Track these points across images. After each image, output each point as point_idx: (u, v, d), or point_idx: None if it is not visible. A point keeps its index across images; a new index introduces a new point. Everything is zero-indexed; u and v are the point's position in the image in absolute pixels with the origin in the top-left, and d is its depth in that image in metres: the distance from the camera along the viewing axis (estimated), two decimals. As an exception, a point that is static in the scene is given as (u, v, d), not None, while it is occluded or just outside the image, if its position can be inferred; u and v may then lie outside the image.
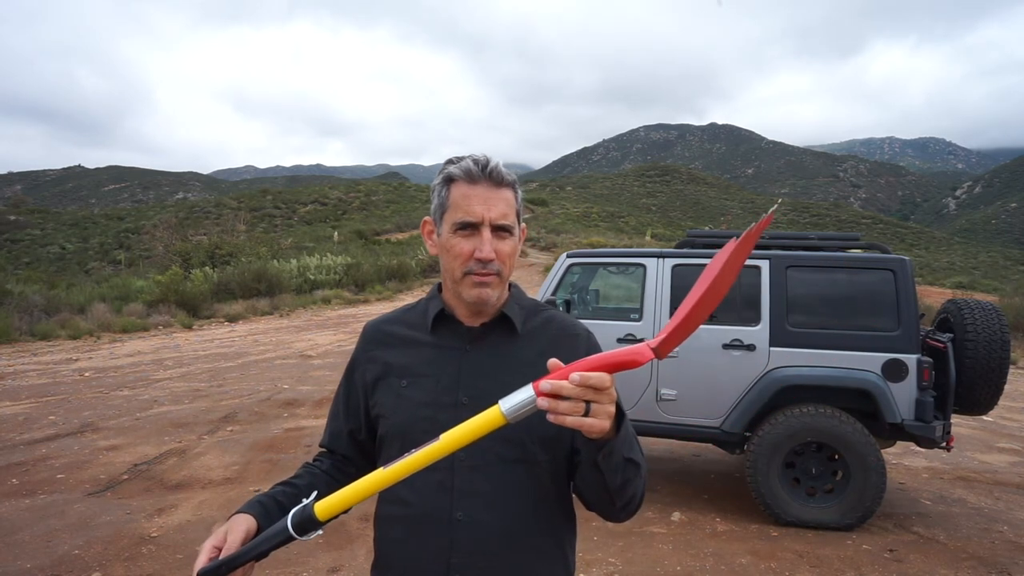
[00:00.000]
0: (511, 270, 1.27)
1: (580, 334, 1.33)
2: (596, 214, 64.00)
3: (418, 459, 1.01)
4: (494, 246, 1.22)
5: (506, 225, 1.23)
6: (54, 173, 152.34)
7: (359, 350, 1.38)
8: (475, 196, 1.21)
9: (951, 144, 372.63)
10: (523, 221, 1.33)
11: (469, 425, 1.00)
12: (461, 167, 1.23)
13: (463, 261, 1.22)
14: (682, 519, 4.62)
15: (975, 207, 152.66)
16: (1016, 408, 8.90)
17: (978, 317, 4.52)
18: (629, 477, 1.15)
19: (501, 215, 1.22)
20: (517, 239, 1.28)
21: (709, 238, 5.40)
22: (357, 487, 1.05)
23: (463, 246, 1.22)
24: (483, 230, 1.21)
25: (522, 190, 1.32)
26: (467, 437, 1.00)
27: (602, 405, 0.98)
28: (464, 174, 1.22)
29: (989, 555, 4.13)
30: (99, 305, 14.75)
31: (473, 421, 1.01)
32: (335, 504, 1.05)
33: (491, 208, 1.21)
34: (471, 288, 1.23)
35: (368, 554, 3.90)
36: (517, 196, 1.27)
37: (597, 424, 0.98)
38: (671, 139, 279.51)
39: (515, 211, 1.26)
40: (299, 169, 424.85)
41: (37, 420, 6.76)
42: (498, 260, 1.22)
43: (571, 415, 0.96)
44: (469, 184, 1.22)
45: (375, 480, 1.04)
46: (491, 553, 1.20)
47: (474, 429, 1.00)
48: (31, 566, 3.71)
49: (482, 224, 1.21)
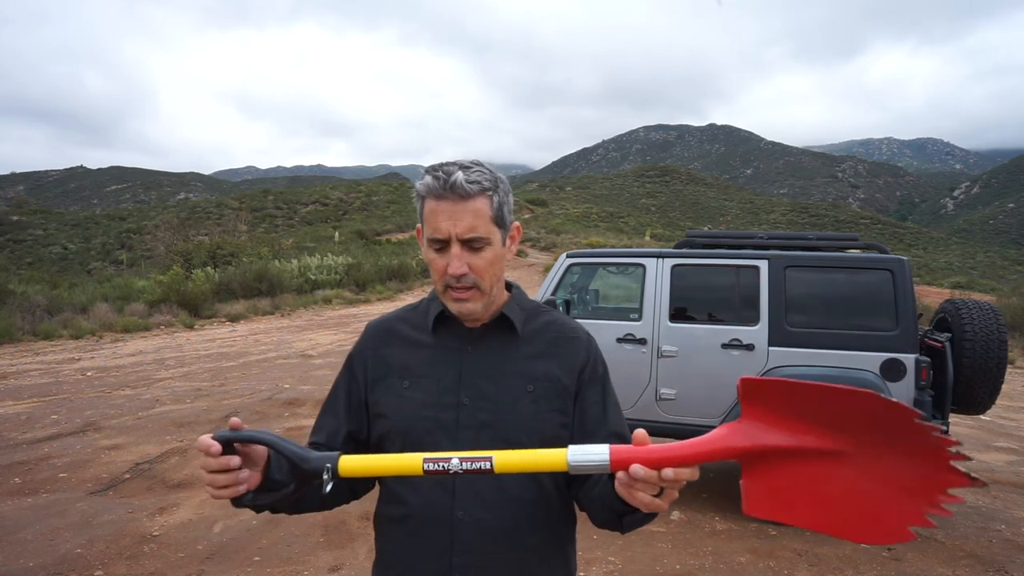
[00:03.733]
0: (494, 279, 1.24)
1: (580, 337, 1.33)
2: (596, 214, 64.02)
3: (458, 453, 1.00)
4: (467, 260, 1.19)
5: (475, 238, 1.18)
6: (56, 174, 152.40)
7: (361, 346, 1.37)
8: (441, 212, 1.18)
9: (949, 145, 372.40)
10: (514, 219, 1.29)
11: (527, 456, 0.98)
12: (425, 183, 1.19)
13: (440, 276, 1.21)
14: (681, 518, 4.64)
15: (973, 207, 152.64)
16: (1014, 407, 8.92)
17: (976, 317, 4.54)
18: (645, 523, 1.16)
19: (468, 229, 1.17)
20: (498, 246, 1.23)
21: (708, 238, 5.42)
22: (385, 460, 1.02)
23: (438, 261, 1.21)
24: (452, 246, 1.19)
25: (522, 190, 1.29)
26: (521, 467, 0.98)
27: (674, 491, 0.98)
28: (428, 191, 1.19)
29: (986, 554, 4.15)
30: (101, 305, 14.75)
31: (533, 454, 0.98)
32: (358, 466, 1.03)
33: (457, 223, 1.17)
34: (452, 303, 1.23)
35: (368, 553, 3.92)
36: (493, 202, 1.20)
37: (664, 506, 0.99)
38: (670, 139, 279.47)
39: (490, 219, 1.20)
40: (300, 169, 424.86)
41: (39, 419, 6.78)
42: (473, 273, 1.20)
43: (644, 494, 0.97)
44: (436, 200, 1.18)
45: (405, 461, 1.01)
46: (492, 553, 1.21)
47: (532, 462, 0.98)
48: (33, 565, 3.73)
49: (450, 241, 1.18)
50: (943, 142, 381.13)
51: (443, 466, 0.98)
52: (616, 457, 0.94)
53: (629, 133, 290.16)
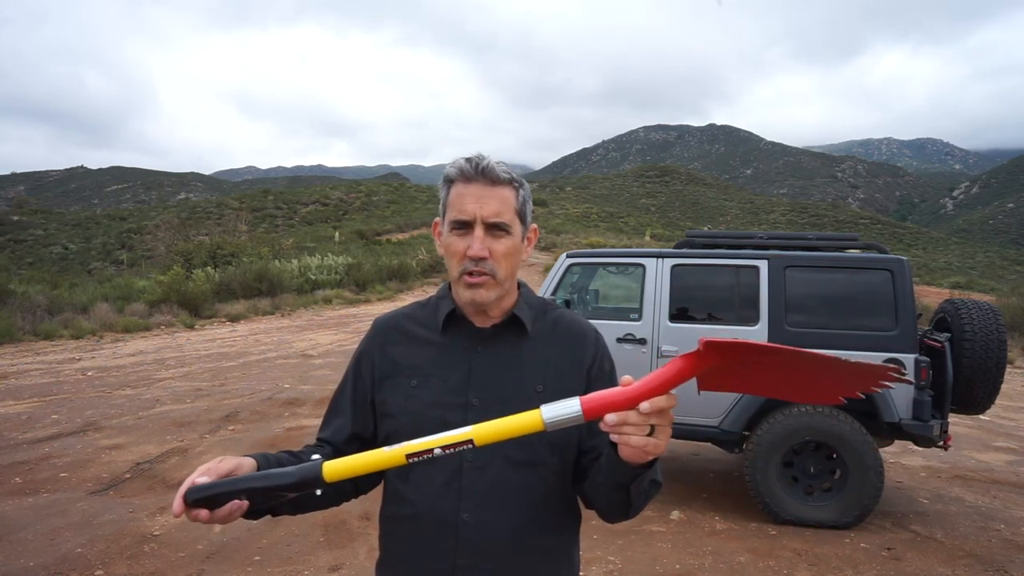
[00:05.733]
0: (510, 271, 1.25)
1: (589, 334, 1.33)
2: (596, 214, 64.04)
3: (438, 440, 0.99)
4: (487, 244, 1.20)
5: (500, 223, 1.20)
6: (57, 174, 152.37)
7: (369, 343, 1.36)
8: (469, 194, 1.20)
9: (949, 145, 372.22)
10: (533, 222, 1.31)
11: (504, 423, 0.99)
12: (456, 165, 1.23)
13: (458, 259, 1.22)
14: (681, 518, 4.65)
15: (972, 208, 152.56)
16: (1013, 407, 8.92)
17: (975, 317, 4.54)
18: (651, 496, 1.17)
19: (494, 212, 1.20)
20: (518, 239, 1.25)
21: (708, 238, 5.43)
22: (368, 457, 1.02)
23: (458, 244, 1.21)
24: (475, 227, 1.20)
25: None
26: (500, 435, 0.99)
27: (664, 427, 0.99)
28: (459, 173, 1.22)
29: (986, 553, 4.15)
30: (101, 305, 14.76)
31: (509, 420, 0.99)
32: (343, 468, 1.02)
33: (484, 205, 1.20)
34: (465, 289, 1.22)
35: (369, 552, 3.93)
36: (519, 195, 1.24)
37: (661, 445, 0.99)
38: (670, 140, 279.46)
39: (514, 210, 1.23)
40: (300, 170, 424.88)
41: (40, 419, 6.79)
42: (492, 259, 1.20)
43: (636, 435, 0.97)
44: (464, 183, 1.21)
45: (388, 455, 1.01)
46: (496, 554, 1.20)
47: (509, 428, 0.98)
48: (34, 564, 3.73)
49: (474, 222, 1.20)
50: (943, 142, 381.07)
51: (425, 457, 1.00)
52: (588, 406, 0.96)
53: (629, 133, 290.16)
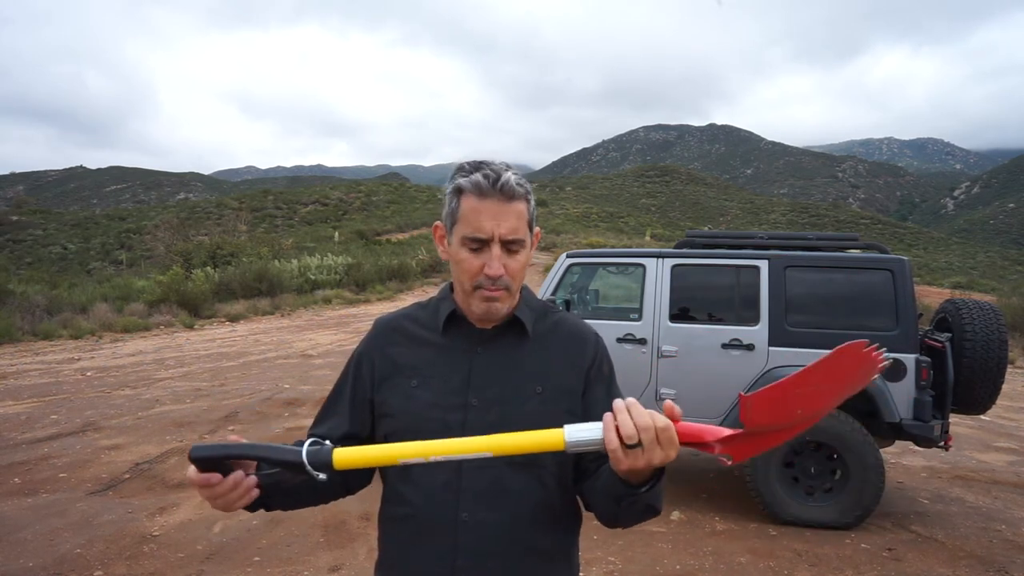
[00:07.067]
0: (521, 282, 1.26)
1: (589, 337, 1.33)
2: (596, 214, 64.05)
3: (455, 446, 1.00)
4: (504, 262, 1.19)
5: (515, 240, 1.20)
6: (56, 174, 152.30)
7: (369, 344, 1.35)
8: (485, 211, 1.17)
9: (949, 145, 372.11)
10: (536, 225, 1.31)
11: (524, 438, 0.99)
12: (471, 180, 1.18)
13: (472, 276, 1.20)
14: (681, 518, 4.64)
15: (973, 207, 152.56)
16: (1014, 408, 8.92)
17: (976, 317, 4.54)
18: (643, 519, 1.16)
19: (511, 230, 1.18)
20: (529, 250, 1.24)
21: (708, 238, 5.42)
22: (380, 450, 1.02)
23: (472, 262, 1.20)
24: (492, 246, 1.18)
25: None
26: (518, 449, 0.99)
27: (653, 449, 1.02)
28: (474, 187, 1.18)
29: (987, 554, 4.15)
30: (101, 305, 14.76)
31: (529, 436, 0.99)
32: (353, 458, 1.02)
33: (501, 223, 1.17)
34: (480, 302, 1.21)
35: (369, 553, 3.92)
36: (530, 206, 1.23)
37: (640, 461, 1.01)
38: (670, 139, 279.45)
39: (527, 222, 1.22)
40: (300, 170, 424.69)
41: (39, 419, 6.78)
42: (508, 275, 1.20)
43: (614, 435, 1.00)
44: (479, 198, 1.18)
45: (402, 449, 1.01)
46: (496, 555, 1.20)
47: (528, 444, 0.99)
48: (33, 565, 3.73)
49: (492, 240, 1.18)
50: (943, 142, 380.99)
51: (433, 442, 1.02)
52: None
53: (629, 133, 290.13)
